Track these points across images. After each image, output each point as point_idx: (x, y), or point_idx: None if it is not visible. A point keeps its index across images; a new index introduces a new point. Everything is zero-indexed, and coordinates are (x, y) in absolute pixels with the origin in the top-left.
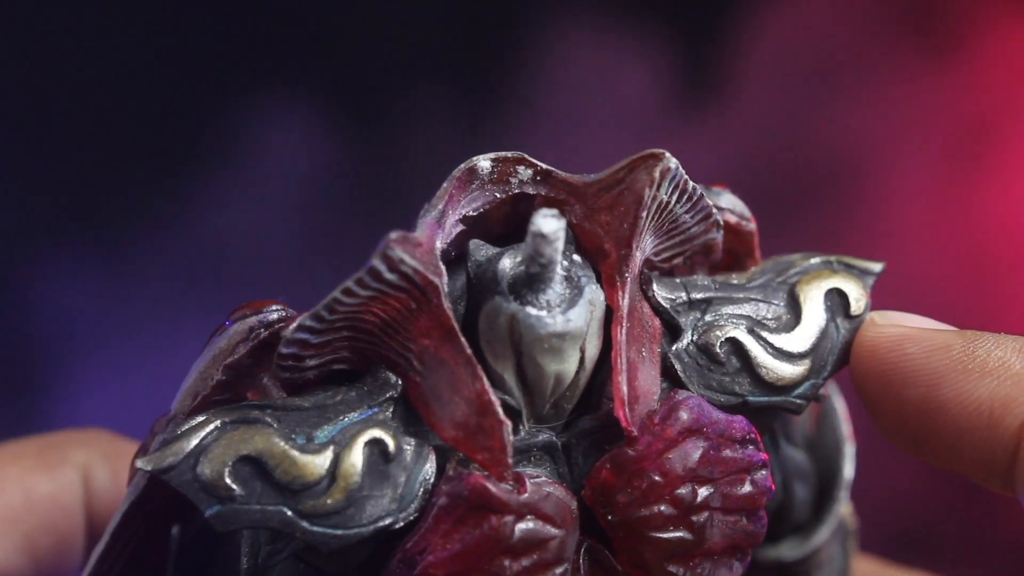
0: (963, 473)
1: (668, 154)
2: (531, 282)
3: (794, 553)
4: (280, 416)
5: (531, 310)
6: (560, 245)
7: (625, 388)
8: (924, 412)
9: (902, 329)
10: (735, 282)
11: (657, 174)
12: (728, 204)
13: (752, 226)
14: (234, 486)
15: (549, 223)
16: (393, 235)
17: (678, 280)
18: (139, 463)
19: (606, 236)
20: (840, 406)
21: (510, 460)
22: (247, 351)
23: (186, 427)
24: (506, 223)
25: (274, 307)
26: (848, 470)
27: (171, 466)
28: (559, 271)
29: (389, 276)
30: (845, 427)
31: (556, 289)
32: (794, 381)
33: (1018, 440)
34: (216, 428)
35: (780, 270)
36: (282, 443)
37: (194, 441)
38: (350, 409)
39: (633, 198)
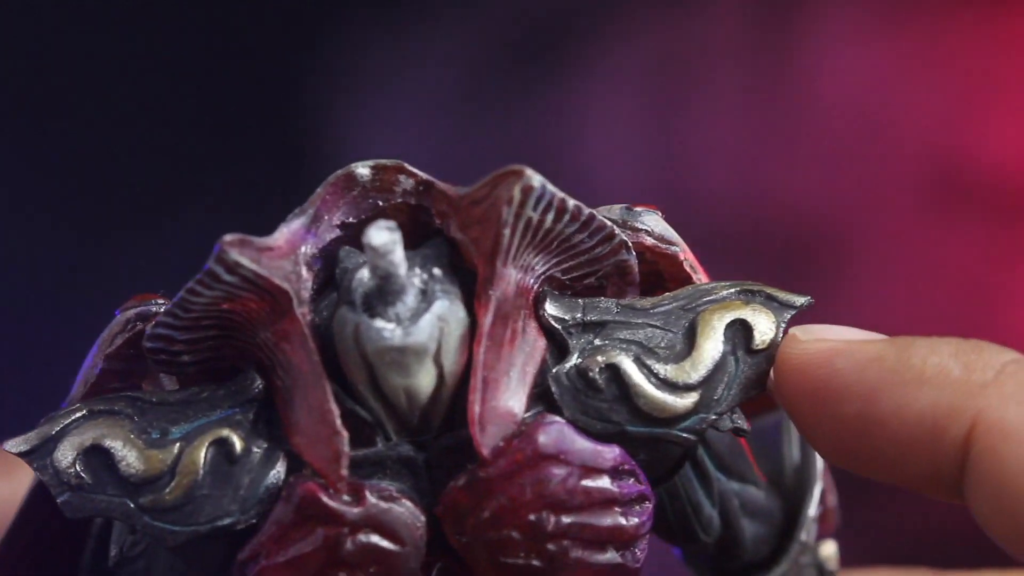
0: (907, 486)
1: (531, 171)
2: (381, 294)
3: None
4: (145, 410)
5: (376, 322)
6: (395, 258)
7: (477, 407)
8: (862, 428)
9: (829, 343)
10: (639, 307)
11: (517, 192)
12: (647, 225)
13: (675, 249)
14: (83, 474)
15: (380, 235)
16: (227, 238)
17: (579, 301)
18: (6, 444)
19: (475, 251)
20: None
21: (344, 471)
22: (123, 342)
23: (59, 414)
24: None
25: (156, 300)
26: (812, 509)
27: (32, 449)
28: (415, 282)
29: (228, 278)
30: (820, 464)
31: (407, 303)
32: (677, 414)
33: (965, 450)
34: (82, 416)
35: (694, 297)
36: (133, 436)
37: (57, 428)
38: (212, 408)
39: (495, 215)
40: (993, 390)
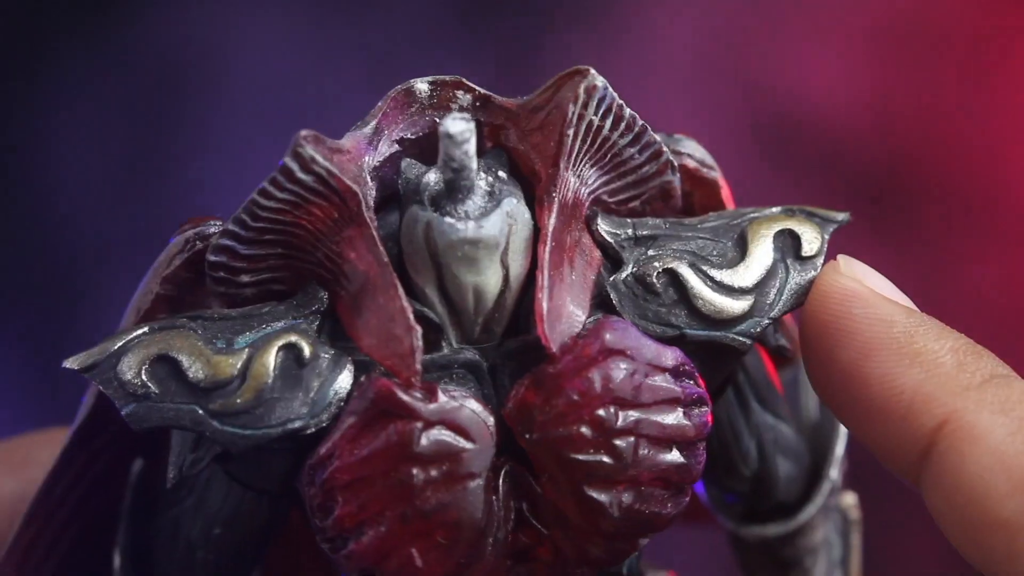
0: (874, 453)
1: (594, 72)
2: (451, 192)
3: (780, 530)
4: (207, 324)
5: (447, 218)
6: (470, 149)
7: (546, 304)
8: (849, 379)
9: (856, 286)
10: (687, 223)
11: (582, 91)
12: (688, 150)
13: (714, 174)
14: (150, 384)
15: (456, 124)
16: (304, 132)
17: (629, 219)
18: (66, 362)
19: (537, 157)
20: None
21: (418, 366)
22: (182, 263)
23: (119, 332)
24: None
25: (213, 221)
26: (840, 448)
27: (95, 364)
28: (481, 184)
29: (302, 176)
30: None
31: (476, 201)
32: (734, 316)
33: (931, 441)
34: (143, 332)
35: (738, 215)
36: (200, 344)
37: (119, 343)
38: (276, 319)
39: (559, 115)
40: (974, 395)
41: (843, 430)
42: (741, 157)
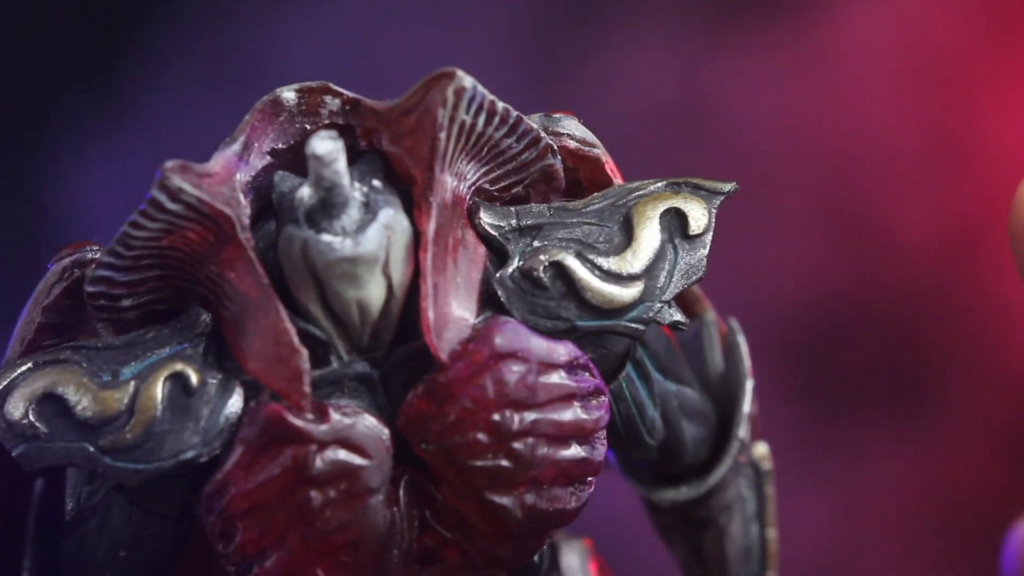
0: None
1: (461, 72)
2: (324, 208)
3: (692, 493)
4: (92, 355)
5: (323, 236)
6: (339, 167)
7: (432, 313)
8: None
9: None
10: (571, 207)
11: (450, 94)
12: (567, 129)
13: (596, 152)
14: (38, 424)
15: (323, 144)
16: (169, 164)
17: (512, 208)
18: None
19: (411, 160)
20: (743, 342)
21: (307, 389)
22: (61, 291)
23: (2, 371)
24: None
25: (90, 247)
26: (746, 405)
27: None
28: (356, 196)
29: (172, 207)
30: (746, 363)
31: (352, 215)
32: (624, 304)
33: None
34: (27, 369)
35: (623, 194)
36: (85, 379)
37: (3, 382)
38: (160, 346)
39: (430, 120)
40: None
41: (749, 384)
42: None
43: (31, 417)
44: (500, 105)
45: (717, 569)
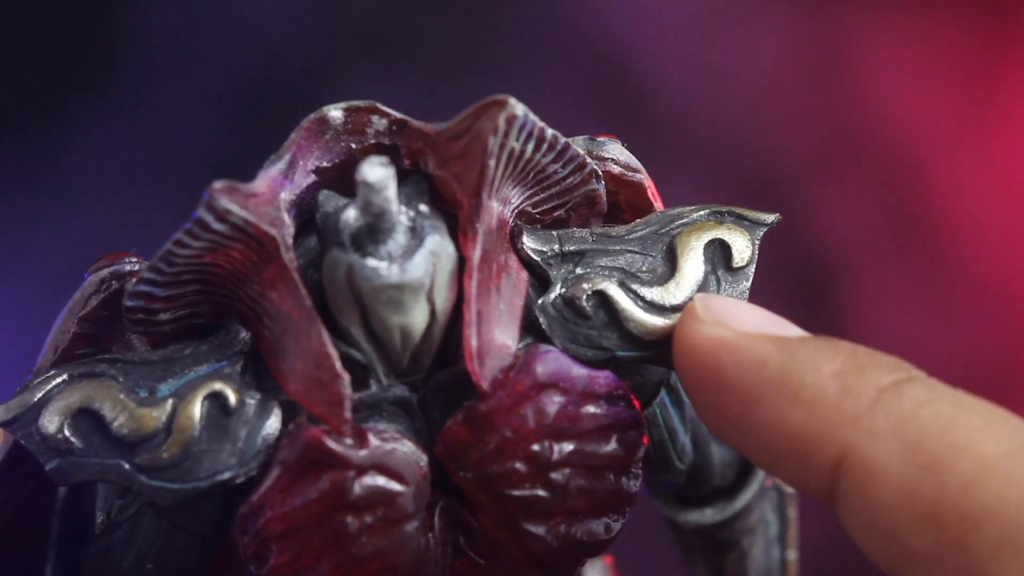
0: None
1: (514, 100)
2: (371, 233)
3: (716, 517)
4: (128, 370)
5: (368, 261)
6: (389, 194)
7: (475, 341)
8: (739, 429)
9: (720, 332)
10: (614, 234)
11: (502, 122)
12: (612, 154)
13: (640, 177)
14: (73, 439)
15: (375, 171)
16: (217, 184)
17: (554, 233)
18: None
19: (458, 186)
20: None
21: (348, 414)
22: (99, 303)
23: (36, 381)
24: None
25: (128, 259)
26: None
27: (15, 418)
28: (403, 221)
29: (218, 227)
30: None
31: (398, 240)
32: (666, 335)
33: (832, 480)
34: (63, 381)
35: (666, 222)
36: (122, 396)
37: (39, 394)
38: (198, 363)
39: (479, 146)
40: (865, 423)
41: None
42: None
43: (66, 432)
44: (549, 132)
45: None
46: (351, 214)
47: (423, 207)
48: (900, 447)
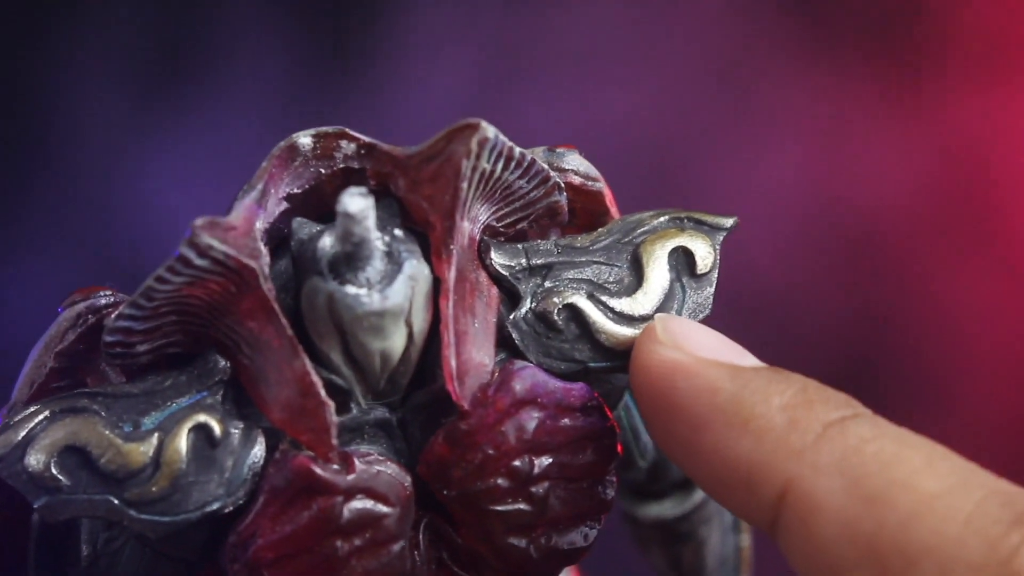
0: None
1: (485, 123)
2: (349, 260)
3: (675, 510)
4: (109, 404)
5: (349, 289)
6: (370, 223)
7: (454, 361)
8: (688, 453)
9: (676, 356)
10: (579, 245)
11: (474, 145)
12: (572, 165)
13: (599, 186)
14: (60, 477)
15: (355, 202)
16: (199, 221)
17: (520, 246)
18: None
19: (430, 208)
20: None
21: (334, 441)
22: (75, 337)
23: (17, 418)
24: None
25: (103, 292)
26: None
27: (0, 458)
28: (379, 247)
29: (200, 262)
30: None
31: (376, 266)
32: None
33: (775, 511)
34: (45, 418)
35: (627, 230)
36: (107, 431)
37: (22, 433)
38: (179, 394)
39: (452, 170)
40: (809, 456)
41: None
42: None
43: (53, 470)
44: (517, 151)
45: None
46: (327, 241)
47: (398, 231)
48: (842, 482)
